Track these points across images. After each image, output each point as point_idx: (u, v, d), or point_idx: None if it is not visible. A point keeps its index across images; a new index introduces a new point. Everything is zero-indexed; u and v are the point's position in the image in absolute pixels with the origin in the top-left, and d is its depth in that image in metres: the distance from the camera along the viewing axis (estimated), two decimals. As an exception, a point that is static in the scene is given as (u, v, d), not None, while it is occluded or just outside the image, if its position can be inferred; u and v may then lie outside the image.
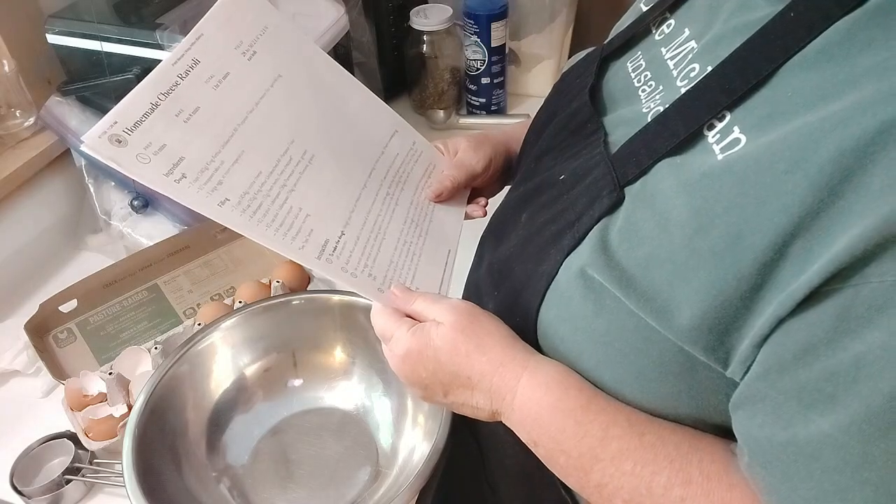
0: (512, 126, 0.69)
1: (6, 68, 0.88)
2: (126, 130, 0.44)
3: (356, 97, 0.59)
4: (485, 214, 0.63)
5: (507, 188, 0.68)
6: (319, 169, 0.52)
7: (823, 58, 0.34)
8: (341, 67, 0.59)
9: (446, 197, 0.60)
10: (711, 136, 0.38)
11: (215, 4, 0.52)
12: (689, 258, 0.35)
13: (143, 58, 0.83)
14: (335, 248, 0.48)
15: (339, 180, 0.53)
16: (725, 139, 0.37)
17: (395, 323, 0.47)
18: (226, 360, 0.70)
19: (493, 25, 1.10)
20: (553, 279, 0.42)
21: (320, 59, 0.58)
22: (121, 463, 0.58)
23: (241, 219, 0.45)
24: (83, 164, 0.95)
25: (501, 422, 0.46)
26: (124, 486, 0.56)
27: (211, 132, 0.48)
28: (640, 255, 0.38)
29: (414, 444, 0.64)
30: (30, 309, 0.81)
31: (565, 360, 0.43)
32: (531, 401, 0.43)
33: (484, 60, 1.14)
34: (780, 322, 0.32)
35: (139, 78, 0.83)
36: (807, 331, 0.32)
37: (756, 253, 0.33)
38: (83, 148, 0.42)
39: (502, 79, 1.18)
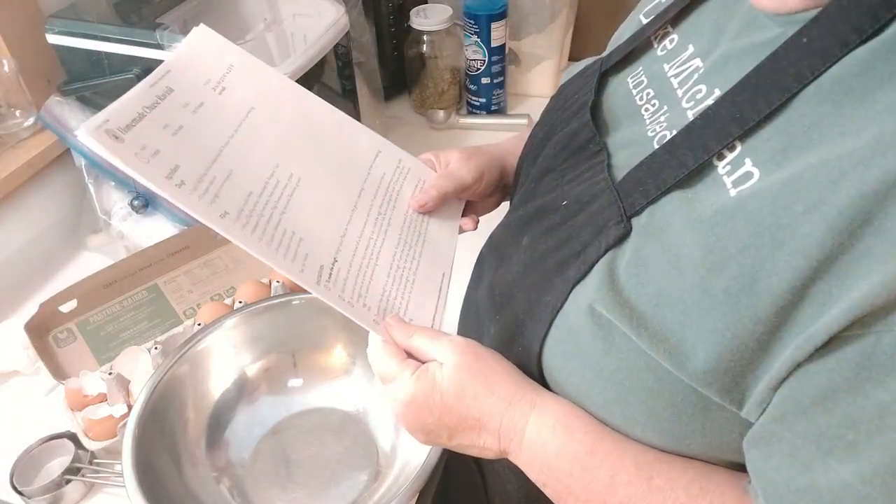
0: (509, 140, 0.67)
1: (6, 68, 0.88)
2: (119, 130, 0.43)
3: (333, 123, 0.58)
4: (475, 227, 0.61)
5: (504, 205, 0.66)
6: (307, 192, 0.51)
7: (840, 89, 0.33)
8: (314, 95, 0.58)
9: (431, 207, 0.58)
10: (722, 167, 0.37)
11: (177, 48, 0.52)
12: (702, 298, 0.34)
13: (143, 58, 0.83)
14: (330, 275, 0.47)
15: (327, 204, 0.52)
16: (737, 172, 0.36)
17: (396, 366, 0.45)
18: (226, 360, 0.70)
19: (493, 25, 1.10)
20: (558, 311, 0.41)
21: (290, 90, 0.58)
22: (121, 463, 0.58)
23: (244, 233, 0.45)
24: (83, 164, 0.95)
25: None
26: (124, 486, 0.56)
27: (198, 149, 0.47)
28: (650, 292, 0.37)
29: (414, 444, 0.64)
30: (30, 309, 0.81)
31: (572, 396, 0.42)
32: (538, 444, 0.42)
33: (484, 60, 1.14)
34: (798, 366, 0.32)
35: (139, 78, 0.83)
36: (826, 376, 0.31)
37: (773, 296, 0.32)
38: (80, 139, 0.41)
39: (502, 79, 1.18)
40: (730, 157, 0.36)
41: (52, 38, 0.88)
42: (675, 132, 0.41)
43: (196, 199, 0.44)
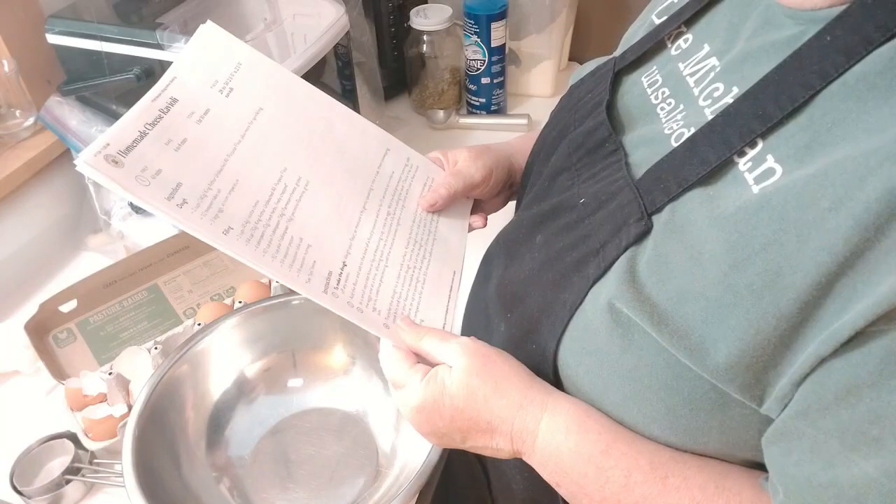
0: (517, 139, 0.67)
1: (6, 68, 0.88)
2: (120, 153, 0.43)
3: (342, 120, 0.58)
4: (485, 225, 0.62)
5: (510, 204, 0.66)
6: (315, 195, 0.51)
7: (864, 87, 0.33)
8: (322, 92, 0.58)
9: (441, 206, 0.58)
10: (743, 163, 0.37)
11: (185, 47, 0.52)
12: (725, 295, 0.34)
13: (143, 58, 0.83)
14: (339, 281, 0.47)
15: (336, 206, 0.51)
16: (758, 168, 0.36)
17: (406, 371, 0.46)
18: (226, 360, 0.70)
19: (493, 25, 1.10)
20: (577, 309, 0.41)
21: (300, 87, 0.57)
22: (121, 463, 0.58)
23: (247, 249, 0.44)
24: (83, 164, 0.95)
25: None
26: (124, 486, 0.56)
27: (202, 162, 0.47)
28: (671, 289, 0.36)
29: (414, 444, 0.64)
30: (30, 309, 0.81)
31: (588, 394, 0.42)
32: (551, 445, 0.42)
33: (484, 60, 1.14)
34: (822, 361, 0.32)
35: (139, 78, 0.83)
36: (850, 371, 0.31)
37: (797, 292, 0.32)
38: (80, 169, 0.41)
39: (502, 79, 1.18)
40: (751, 153, 0.36)
41: (52, 38, 0.88)
42: (692, 130, 0.41)
43: (198, 218, 0.43)
